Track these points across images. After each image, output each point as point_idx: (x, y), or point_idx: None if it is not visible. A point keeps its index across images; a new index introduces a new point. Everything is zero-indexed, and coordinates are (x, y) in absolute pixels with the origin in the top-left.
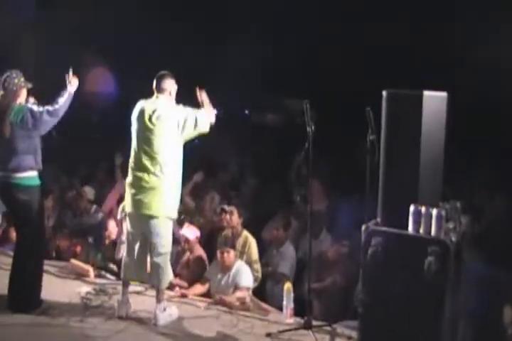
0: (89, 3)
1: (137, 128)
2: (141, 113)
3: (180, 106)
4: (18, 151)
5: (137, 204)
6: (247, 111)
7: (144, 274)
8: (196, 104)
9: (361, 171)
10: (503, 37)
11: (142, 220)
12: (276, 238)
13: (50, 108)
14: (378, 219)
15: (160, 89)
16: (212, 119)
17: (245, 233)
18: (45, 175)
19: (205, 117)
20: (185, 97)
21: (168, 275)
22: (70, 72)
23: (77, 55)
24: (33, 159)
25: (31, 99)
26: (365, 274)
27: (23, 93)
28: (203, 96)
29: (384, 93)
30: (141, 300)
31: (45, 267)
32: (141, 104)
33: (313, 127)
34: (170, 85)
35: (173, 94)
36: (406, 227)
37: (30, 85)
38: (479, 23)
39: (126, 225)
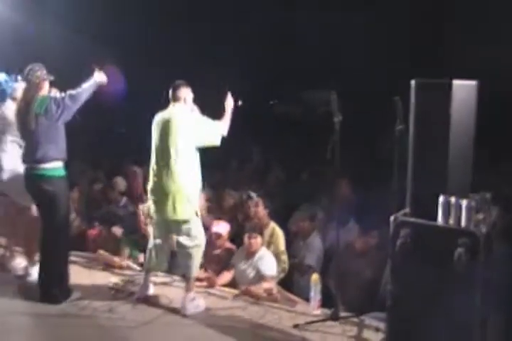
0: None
1: (155, 138)
2: (157, 123)
3: (196, 113)
4: (43, 142)
5: (161, 209)
6: (272, 102)
7: (165, 265)
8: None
9: (389, 161)
10: None
11: (169, 223)
12: (303, 229)
13: (72, 92)
14: (407, 210)
15: (175, 98)
16: (225, 132)
17: (272, 224)
18: (71, 168)
19: (218, 130)
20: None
21: (198, 265)
22: (98, 70)
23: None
24: (57, 150)
25: (54, 91)
26: (394, 265)
27: (46, 85)
28: (228, 103)
29: (412, 82)
30: (167, 291)
31: (73, 258)
32: (158, 115)
33: (340, 117)
34: (184, 93)
35: (189, 101)
36: (435, 218)
37: (52, 77)
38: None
39: (152, 223)
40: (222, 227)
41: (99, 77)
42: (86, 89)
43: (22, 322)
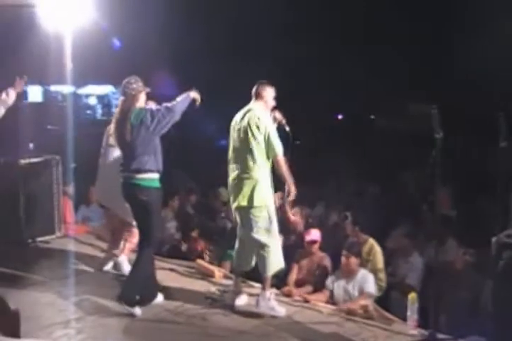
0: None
1: (232, 133)
2: (235, 118)
3: (268, 118)
4: (139, 153)
5: (233, 198)
6: (372, 117)
7: (251, 263)
8: None
9: (493, 179)
10: None
11: (238, 213)
12: (403, 247)
13: (168, 104)
14: (510, 232)
15: (256, 96)
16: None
17: (371, 241)
18: (171, 177)
19: (276, 149)
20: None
21: (274, 265)
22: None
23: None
24: (153, 161)
25: (150, 103)
26: (495, 287)
27: (142, 97)
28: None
29: None
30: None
31: (173, 266)
32: (239, 113)
33: (441, 134)
34: (265, 92)
35: (268, 100)
36: None
37: (148, 89)
38: None
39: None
40: (313, 234)
41: (194, 94)
42: (181, 101)
43: (120, 324)
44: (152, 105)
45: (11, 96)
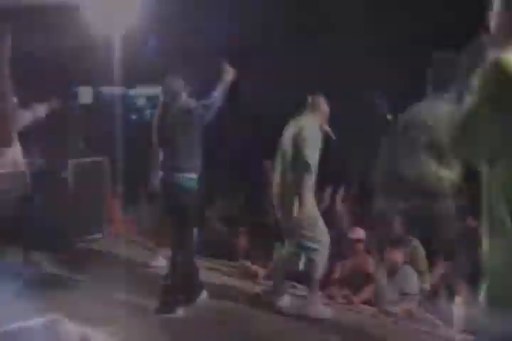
0: None
1: (282, 143)
2: (286, 128)
3: (315, 132)
4: (176, 152)
5: (277, 207)
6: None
7: (296, 265)
8: None
9: None
10: None
11: (284, 221)
12: (450, 251)
13: (206, 102)
14: None
15: (309, 107)
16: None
17: (414, 243)
18: (215, 177)
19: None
20: None
21: (321, 268)
22: (224, 66)
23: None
24: (190, 161)
25: (191, 101)
26: None
27: (183, 96)
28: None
29: None
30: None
31: (216, 265)
32: (291, 123)
33: None
34: (319, 105)
35: (323, 112)
36: None
37: (189, 88)
38: None
39: None
40: (357, 233)
41: (228, 76)
42: (217, 97)
43: (163, 323)
44: (192, 102)
45: (39, 111)
